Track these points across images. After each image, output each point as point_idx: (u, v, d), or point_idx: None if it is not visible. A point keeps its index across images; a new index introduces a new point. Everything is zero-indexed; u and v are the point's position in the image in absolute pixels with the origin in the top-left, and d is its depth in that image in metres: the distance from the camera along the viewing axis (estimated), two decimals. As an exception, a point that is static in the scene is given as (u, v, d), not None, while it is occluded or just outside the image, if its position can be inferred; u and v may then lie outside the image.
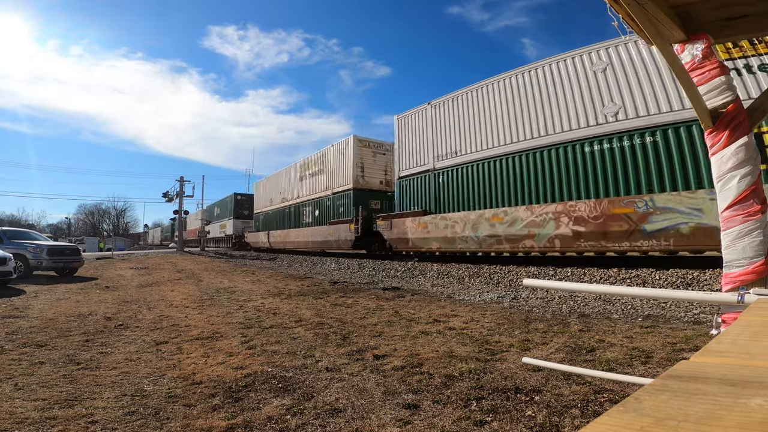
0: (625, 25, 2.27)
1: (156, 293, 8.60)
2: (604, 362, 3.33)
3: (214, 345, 4.27)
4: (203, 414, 2.56)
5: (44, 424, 2.42)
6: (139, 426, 2.40)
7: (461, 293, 7.95)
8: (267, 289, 9.01)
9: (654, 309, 5.63)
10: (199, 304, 6.97)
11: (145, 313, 6.16)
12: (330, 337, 4.47)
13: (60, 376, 3.30)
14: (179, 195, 30.67)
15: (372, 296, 7.69)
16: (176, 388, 3.02)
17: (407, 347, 4.01)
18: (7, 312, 6.14)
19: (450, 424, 2.34)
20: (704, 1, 2.11)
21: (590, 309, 5.96)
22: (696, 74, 2.20)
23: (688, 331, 4.36)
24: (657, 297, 5.53)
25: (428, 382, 3.02)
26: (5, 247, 10.56)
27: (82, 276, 12.36)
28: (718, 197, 2.14)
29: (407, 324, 5.11)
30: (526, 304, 6.55)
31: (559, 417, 2.37)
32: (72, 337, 4.61)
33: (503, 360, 3.51)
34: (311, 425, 2.38)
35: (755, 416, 0.53)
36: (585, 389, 2.75)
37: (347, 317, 5.63)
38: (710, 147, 2.19)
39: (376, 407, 2.61)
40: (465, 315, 5.59)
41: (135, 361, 3.74)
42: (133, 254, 27.95)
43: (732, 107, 2.12)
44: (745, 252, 2.00)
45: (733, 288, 1.98)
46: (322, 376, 3.24)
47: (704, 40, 2.20)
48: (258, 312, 6.17)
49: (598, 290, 2.39)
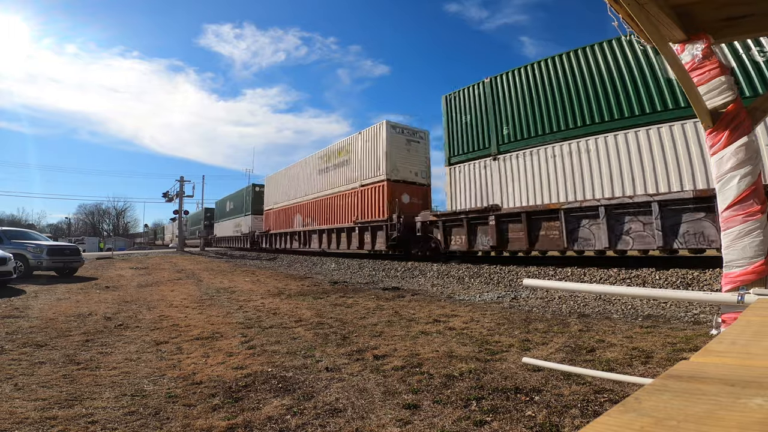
0: (625, 24, 2.27)
1: (156, 293, 8.60)
2: (604, 362, 3.33)
3: (214, 345, 4.27)
4: (203, 414, 2.56)
5: (44, 424, 2.42)
6: (139, 426, 2.40)
7: (461, 293, 7.95)
8: (267, 289, 9.01)
9: (654, 309, 5.63)
10: (199, 304, 6.97)
11: (145, 313, 6.16)
12: (330, 337, 4.47)
13: (60, 376, 3.30)
14: (179, 195, 30.70)
15: (372, 296, 7.68)
16: (176, 388, 3.02)
17: (407, 347, 4.01)
18: (7, 312, 6.14)
19: (450, 424, 2.34)
20: (704, 1, 2.10)
21: (590, 309, 5.96)
22: (696, 74, 2.20)
23: (688, 331, 4.36)
24: (657, 297, 5.52)
25: (428, 382, 3.02)
26: (5, 247, 10.56)
27: (82, 276, 12.35)
28: (718, 197, 2.14)
29: (407, 324, 5.11)
30: (526, 304, 6.54)
31: (559, 417, 2.37)
32: (72, 337, 4.61)
33: (503, 360, 3.51)
34: (311, 425, 2.38)
35: (755, 416, 0.53)
36: (585, 389, 2.75)
37: (347, 317, 5.62)
38: (710, 147, 2.19)
39: (376, 407, 2.61)
40: (465, 315, 5.59)
41: (135, 361, 3.74)
42: (132, 254, 27.95)
43: (732, 107, 2.12)
44: (745, 252, 2.00)
45: (733, 288, 1.98)
46: (322, 376, 3.24)
47: (704, 40, 2.20)
48: (258, 312, 6.17)
49: (598, 290, 2.39)
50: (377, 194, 14.46)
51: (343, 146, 17.33)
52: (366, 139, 15.66)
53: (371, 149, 15.25)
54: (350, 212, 16.07)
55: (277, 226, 23.50)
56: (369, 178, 15.16)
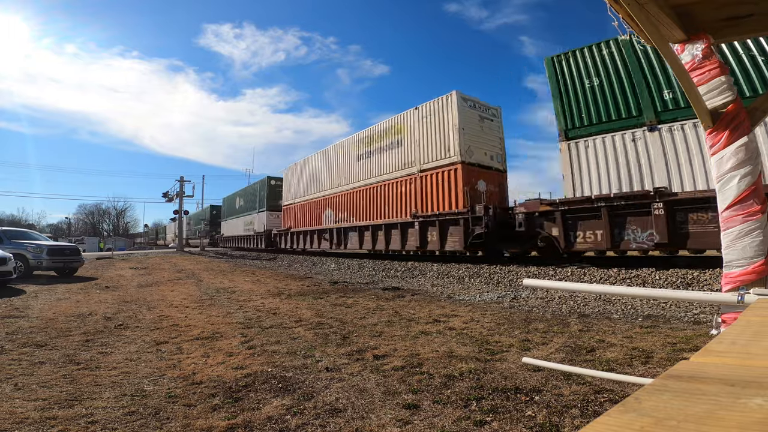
0: (625, 24, 2.27)
1: (156, 293, 8.60)
2: (604, 362, 3.33)
3: (214, 345, 4.27)
4: (203, 414, 2.56)
5: (44, 424, 2.42)
6: (139, 426, 2.40)
7: (461, 293, 7.95)
8: (267, 289, 9.01)
9: (654, 309, 5.63)
10: (199, 304, 6.97)
11: (145, 313, 6.16)
12: (330, 337, 4.47)
13: (60, 376, 3.30)
14: (179, 195, 30.70)
15: (372, 296, 7.69)
16: (176, 388, 3.02)
17: (407, 347, 4.01)
18: (7, 312, 6.14)
19: (450, 424, 2.34)
20: (704, 1, 2.10)
21: (590, 309, 5.96)
22: (696, 74, 2.20)
23: (688, 331, 4.36)
24: (657, 297, 5.52)
25: (428, 382, 3.02)
26: (5, 247, 10.56)
27: (82, 276, 12.35)
28: (718, 197, 2.14)
29: (407, 324, 5.11)
30: (526, 304, 6.54)
31: (559, 417, 2.37)
32: (72, 337, 4.61)
33: (503, 360, 3.51)
34: (311, 425, 2.38)
35: (755, 416, 0.53)
36: (585, 389, 2.75)
37: (347, 317, 5.63)
38: (710, 147, 2.19)
39: (376, 407, 2.61)
40: (465, 315, 5.59)
41: (135, 361, 3.74)
42: (132, 254, 27.96)
43: (732, 107, 2.12)
44: (745, 252, 2.00)
45: (733, 288, 1.98)
46: (322, 376, 3.24)
47: (704, 40, 2.20)
48: (258, 312, 6.17)
49: (598, 290, 2.39)
50: (446, 181, 11.65)
51: (393, 125, 14.10)
52: (426, 114, 12.66)
53: (436, 126, 12.28)
54: (403, 204, 13.19)
55: (300, 223, 20.52)
56: (432, 161, 12.25)
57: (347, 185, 16.60)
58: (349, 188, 16.42)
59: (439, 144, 12.15)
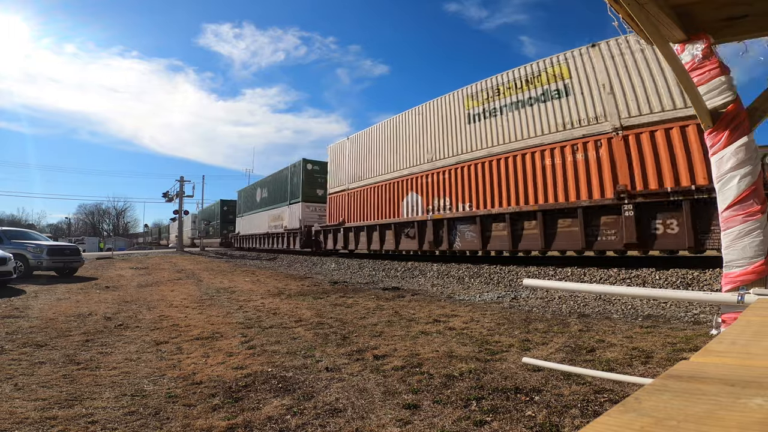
0: (625, 24, 2.27)
1: (156, 293, 8.60)
2: (604, 362, 3.33)
3: (214, 345, 4.27)
4: (203, 414, 2.56)
5: (44, 424, 2.42)
6: (139, 426, 2.40)
7: (461, 293, 7.95)
8: (267, 289, 9.01)
9: (654, 309, 5.63)
10: (199, 304, 6.97)
11: (145, 313, 6.16)
12: (330, 337, 4.47)
13: (60, 376, 3.30)
14: (179, 195, 30.71)
15: (372, 296, 7.69)
16: (176, 388, 3.02)
17: (407, 347, 4.01)
18: (7, 312, 6.14)
19: (450, 424, 2.34)
20: (704, 1, 2.10)
21: (590, 309, 5.96)
22: (696, 74, 2.20)
23: (688, 331, 4.36)
24: (657, 297, 5.52)
25: (428, 382, 3.02)
26: (5, 247, 10.56)
27: (82, 276, 12.36)
28: (718, 197, 2.14)
29: (407, 324, 5.11)
30: (526, 304, 6.54)
31: (559, 417, 2.37)
32: (72, 337, 4.61)
33: (503, 360, 3.51)
34: (311, 425, 2.38)
35: (755, 416, 0.53)
36: (585, 389, 2.75)
37: (347, 317, 5.63)
38: (710, 147, 2.19)
39: (376, 407, 2.61)
40: (465, 315, 5.59)
41: (135, 361, 3.74)
42: (132, 254, 27.96)
43: (732, 107, 2.12)
44: (745, 252, 2.00)
45: (733, 288, 1.98)
46: (322, 376, 3.24)
47: (704, 40, 2.20)
48: (258, 312, 6.17)
49: (598, 290, 2.39)
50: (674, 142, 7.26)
51: (546, 68, 9.35)
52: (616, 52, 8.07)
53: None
54: (578, 181, 8.47)
55: (361, 215, 15.29)
56: (641, 115, 7.70)
57: (451, 158, 11.57)
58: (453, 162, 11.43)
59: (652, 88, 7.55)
